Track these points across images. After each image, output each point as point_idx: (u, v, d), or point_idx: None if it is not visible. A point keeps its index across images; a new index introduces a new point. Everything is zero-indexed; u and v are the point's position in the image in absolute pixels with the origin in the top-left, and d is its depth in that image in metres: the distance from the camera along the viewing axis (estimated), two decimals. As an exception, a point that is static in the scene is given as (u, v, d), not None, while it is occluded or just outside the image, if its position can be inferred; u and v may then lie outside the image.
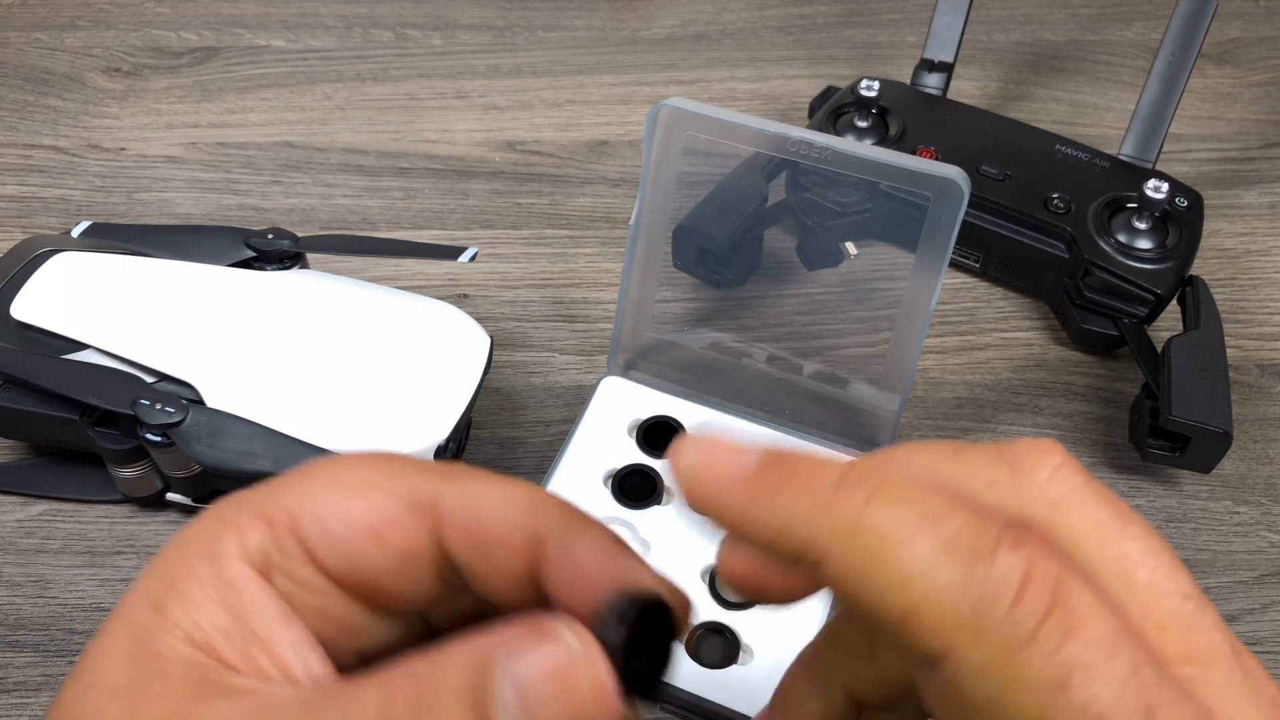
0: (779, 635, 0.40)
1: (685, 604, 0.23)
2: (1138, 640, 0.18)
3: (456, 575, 0.24)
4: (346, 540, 0.23)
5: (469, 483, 0.24)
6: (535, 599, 0.24)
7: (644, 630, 0.21)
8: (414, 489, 0.24)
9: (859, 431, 0.46)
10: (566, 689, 0.20)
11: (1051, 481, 0.21)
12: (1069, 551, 0.20)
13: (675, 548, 0.42)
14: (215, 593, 0.23)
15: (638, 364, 0.48)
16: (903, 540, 0.18)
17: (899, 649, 0.19)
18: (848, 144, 0.41)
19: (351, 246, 0.51)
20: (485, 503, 0.23)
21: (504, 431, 0.48)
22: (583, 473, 0.44)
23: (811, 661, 0.26)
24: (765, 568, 0.22)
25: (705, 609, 0.41)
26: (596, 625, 0.21)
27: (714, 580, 0.41)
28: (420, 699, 0.20)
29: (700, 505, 0.21)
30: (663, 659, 0.22)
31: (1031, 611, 0.18)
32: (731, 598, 0.40)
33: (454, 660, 0.20)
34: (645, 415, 0.47)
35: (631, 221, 0.45)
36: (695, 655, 0.39)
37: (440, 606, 0.25)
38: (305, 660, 0.23)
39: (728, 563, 0.22)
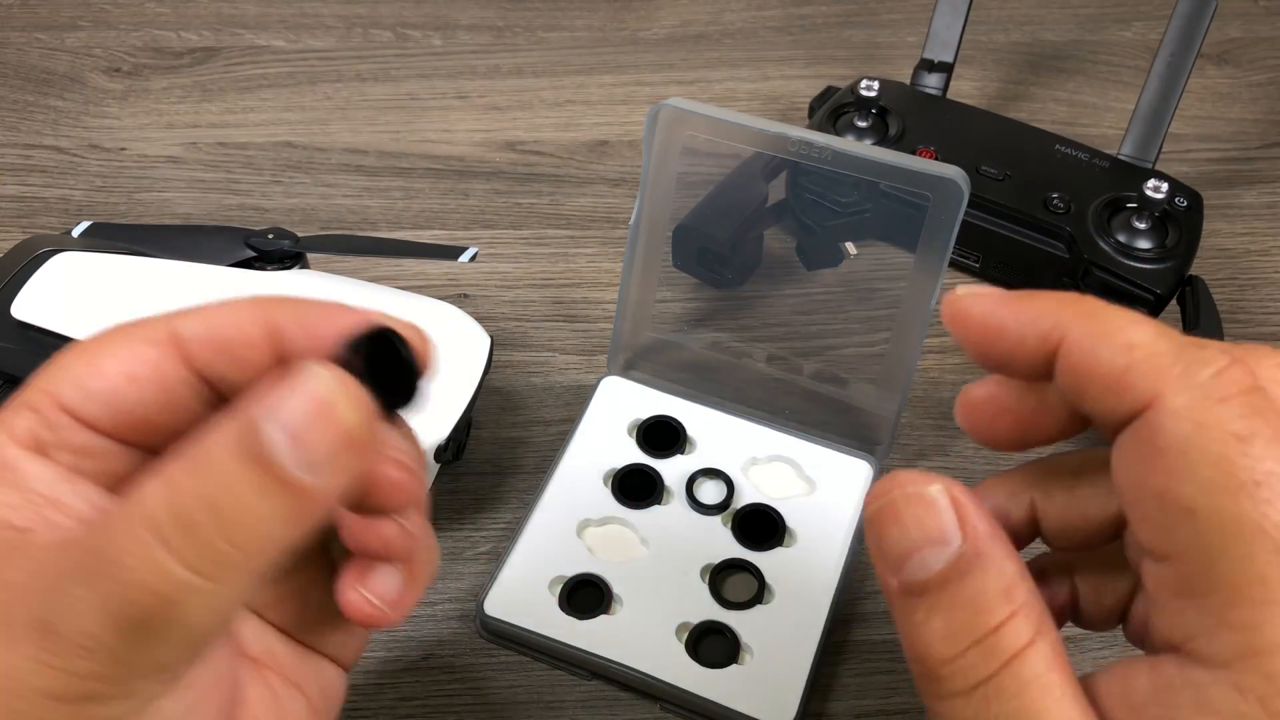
0: (779, 635, 0.40)
1: (417, 332, 0.25)
2: None
3: (214, 393, 0.26)
4: (106, 391, 0.25)
5: (201, 309, 0.26)
6: None
7: (383, 356, 0.24)
8: (149, 327, 0.25)
9: (859, 431, 0.46)
10: (329, 415, 0.21)
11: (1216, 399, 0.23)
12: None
13: (675, 547, 0.42)
14: None
15: (638, 364, 0.48)
16: (1133, 320, 0.23)
17: (1109, 409, 0.23)
18: (847, 144, 0.41)
19: (352, 246, 0.51)
20: (217, 315, 0.26)
21: (504, 431, 0.48)
22: (583, 473, 0.44)
23: (1019, 473, 0.28)
24: (1013, 397, 0.26)
25: (705, 609, 0.41)
26: (337, 358, 0.23)
27: (714, 580, 0.41)
28: (198, 470, 0.21)
29: (970, 315, 0.25)
30: (408, 377, 0.24)
31: (1231, 382, 0.22)
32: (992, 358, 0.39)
33: (220, 429, 0.21)
34: (645, 415, 0.47)
35: (631, 221, 0.45)
36: (695, 655, 0.39)
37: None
38: (99, 507, 0.25)
39: (979, 398, 0.27)
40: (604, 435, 0.46)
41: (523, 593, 0.41)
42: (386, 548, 0.26)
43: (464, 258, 0.46)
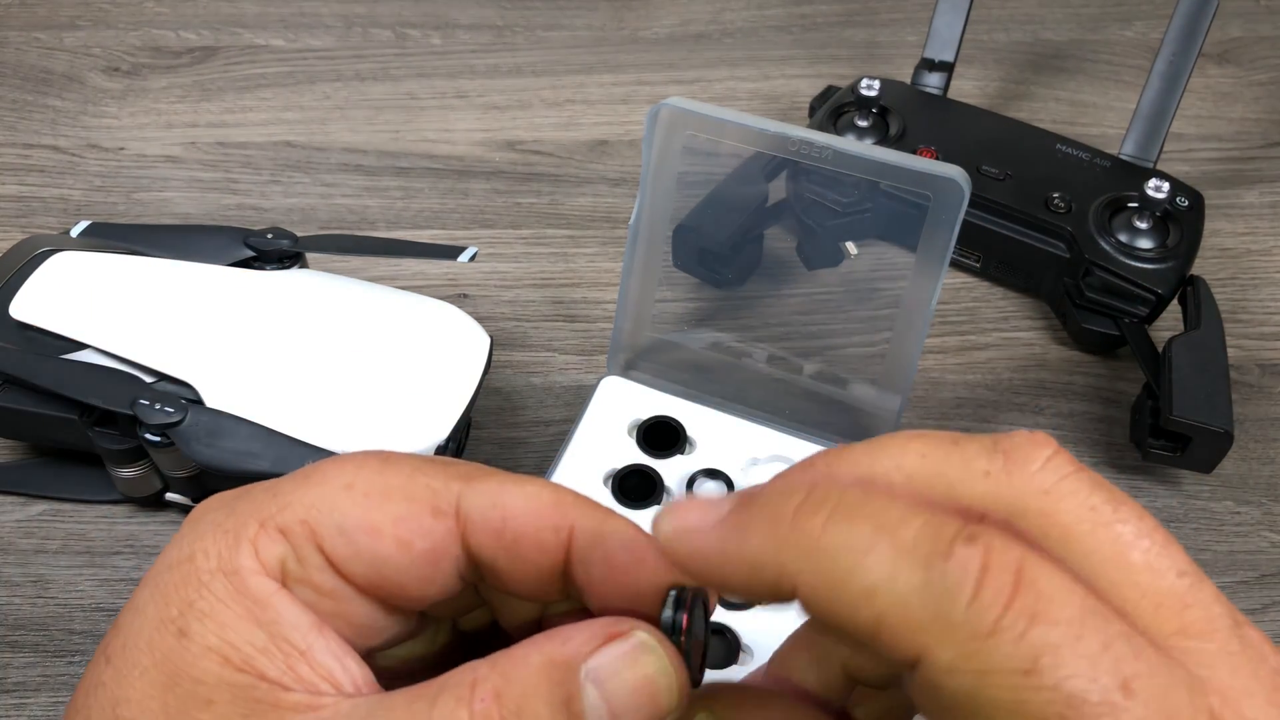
0: (779, 634, 0.40)
1: (711, 593, 0.24)
2: (1113, 616, 0.18)
3: (474, 572, 0.24)
4: (373, 549, 0.23)
5: (488, 482, 0.24)
6: (561, 593, 0.24)
7: (698, 622, 0.23)
8: (435, 493, 0.24)
9: (860, 432, 0.46)
10: (654, 698, 0.21)
11: (1044, 471, 0.21)
12: (1062, 537, 0.20)
13: None
14: (243, 609, 0.23)
15: (638, 364, 0.48)
16: (862, 552, 0.19)
17: (881, 665, 0.20)
18: (848, 143, 0.41)
19: (351, 246, 0.51)
20: (511, 503, 0.24)
21: (504, 431, 0.48)
22: (582, 473, 0.44)
23: (812, 638, 0.26)
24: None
25: None
26: (663, 624, 0.22)
27: None
28: (506, 703, 0.21)
29: (683, 564, 0.21)
30: (706, 645, 0.23)
31: (992, 602, 0.18)
32: (731, 598, 0.40)
33: (539, 671, 0.21)
34: (645, 415, 0.46)
35: (631, 221, 0.45)
36: None
37: (451, 602, 0.25)
38: (346, 668, 0.23)
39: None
40: (604, 436, 0.46)
41: None
42: None
43: (463, 257, 0.46)
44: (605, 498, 0.44)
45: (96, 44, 0.68)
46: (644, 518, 0.43)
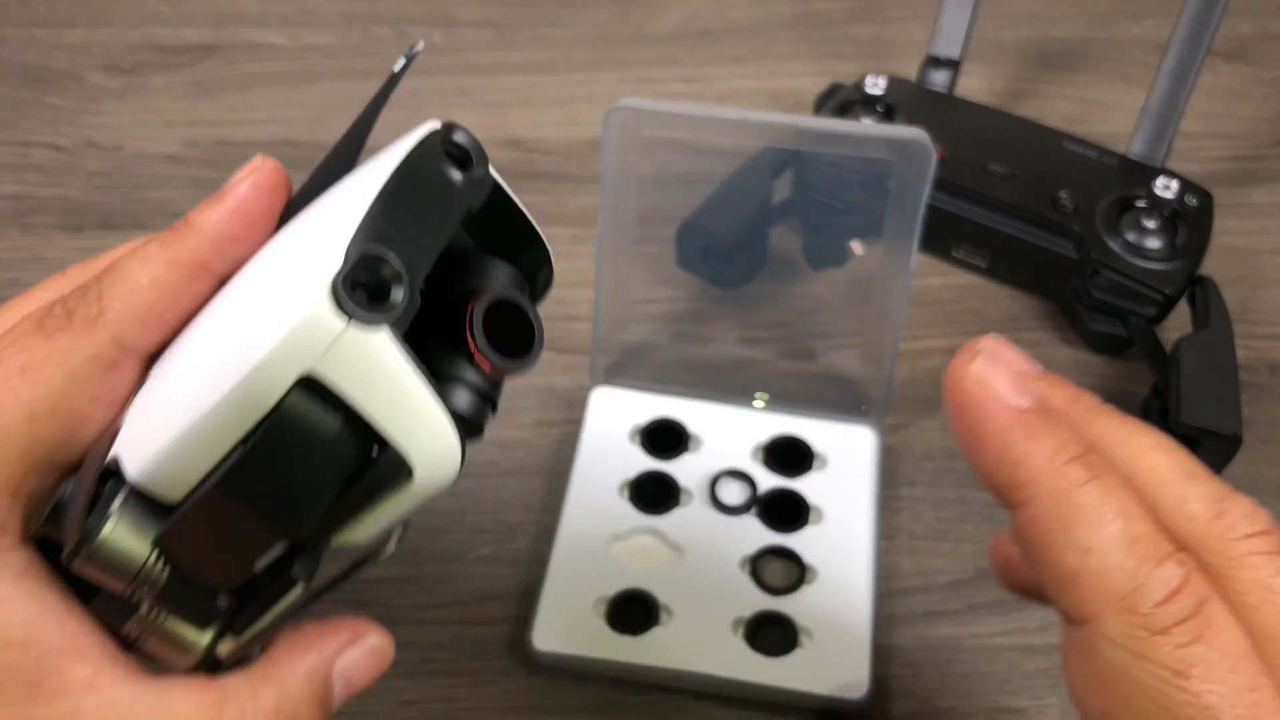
0: (832, 612, 0.40)
1: None
2: (1266, 672, 0.21)
3: None
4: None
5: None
6: None
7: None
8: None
9: (854, 399, 0.47)
10: (381, 666, 0.29)
11: (1242, 542, 0.23)
12: (1230, 600, 0.22)
13: (710, 547, 0.42)
14: (9, 590, 0.25)
15: (624, 369, 0.48)
16: (1100, 520, 0.22)
17: (1053, 600, 0.23)
18: (811, 120, 0.41)
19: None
20: None
21: (505, 432, 0.47)
22: (597, 487, 0.44)
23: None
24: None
25: (754, 600, 0.41)
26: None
27: (756, 570, 0.42)
28: (281, 712, 0.26)
29: (961, 405, 0.25)
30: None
31: (1174, 612, 0.21)
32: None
33: (298, 677, 0.27)
34: (644, 420, 0.46)
35: (599, 229, 0.44)
36: (756, 647, 0.39)
37: None
38: (87, 622, 0.26)
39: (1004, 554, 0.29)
40: (608, 447, 0.45)
41: (568, 621, 0.40)
42: None
43: (397, 65, 0.37)
44: (626, 508, 0.44)
45: (96, 42, 0.67)
46: (670, 523, 0.43)
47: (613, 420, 0.46)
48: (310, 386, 0.21)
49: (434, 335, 0.24)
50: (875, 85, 0.55)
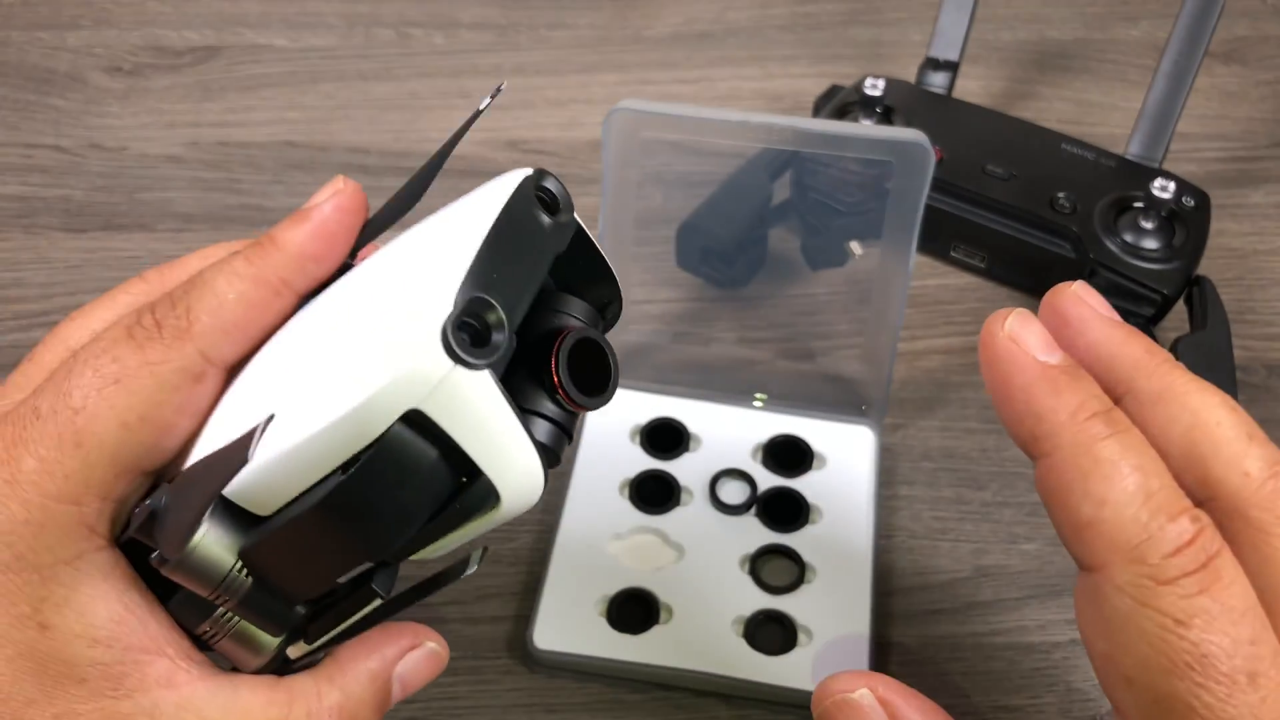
0: (831, 611, 0.41)
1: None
2: (1271, 628, 0.22)
3: None
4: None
5: None
6: None
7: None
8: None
9: (853, 399, 0.47)
10: (436, 669, 0.31)
11: None
12: (1271, 553, 0.23)
13: (711, 545, 0.42)
14: (95, 591, 0.26)
15: (626, 368, 0.48)
16: (1117, 473, 0.23)
17: (1067, 546, 0.24)
18: (810, 122, 0.41)
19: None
20: None
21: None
22: (598, 487, 0.44)
23: None
24: None
25: (754, 599, 0.41)
26: None
27: (756, 570, 0.42)
28: (344, 713, 0.28)
29: (994, 357, 0.25)
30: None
31: (1180, 564, 0.22)
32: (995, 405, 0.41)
33: (361, 679, 0.29)
34: (644, 419, 0.46)
35: (599, 229, 0.44)
36: (756, 646, 0.40)
37: None
38: (166, 622, 0.27)
39: None
40: (608, 447, 0.45)
41: (568, 619, 0.40)
42: None
43: (483, 103, 0.37)
44: (626, 508, 0.44)
45: (99, 44, 0.67)
46: (671, 522, 0.43)
47: (613, 420, 0.46)
48: (411, 419, 0.23)
49: (518, 369, 0.25)
50: (874, 87, 0.55)
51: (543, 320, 0.26)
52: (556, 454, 0.25)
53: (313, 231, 0.28)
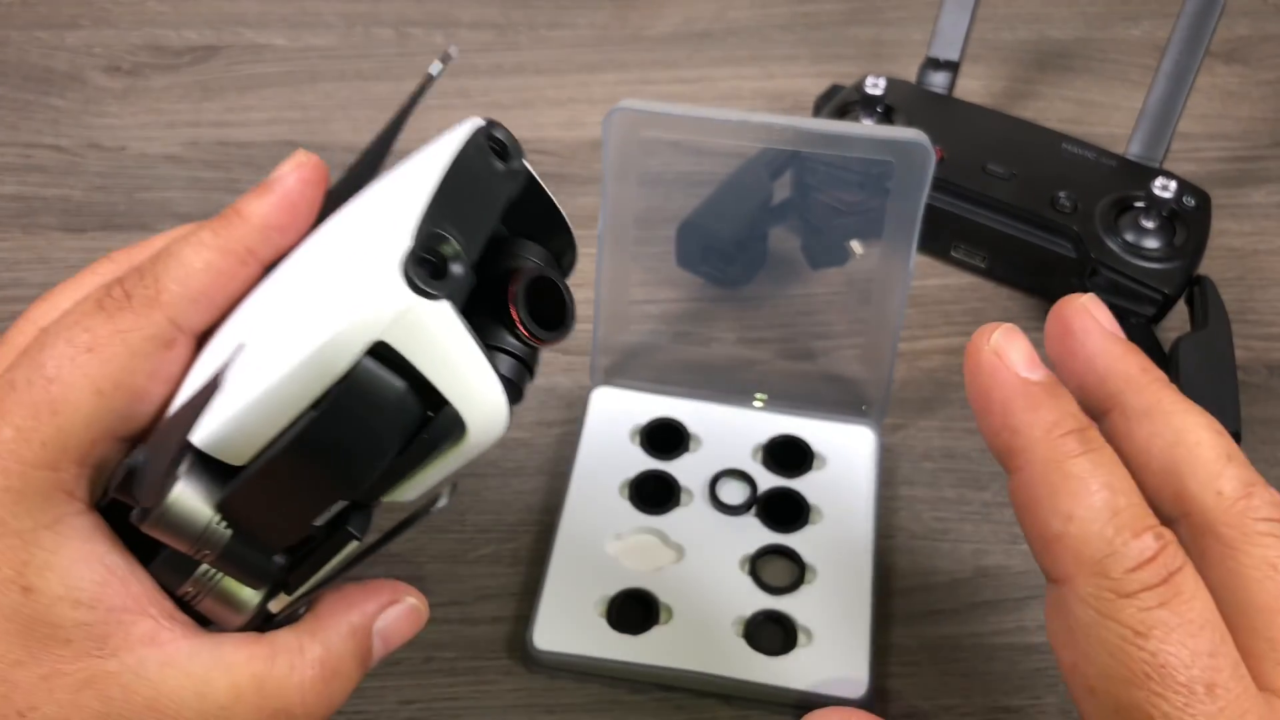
0: (831, 612, 0.40)
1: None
2: (1230, 640, 0.23)
3: None
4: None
5: None
6: None
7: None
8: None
9: (854, 400, 0.47)
10: (416, 624, 0.32)
11: (1259, 524, 0.25)
12: (1234, 569, 0.24)
13: (710, 546, 0.42)
14: (76, 554, 0.26)
15: (625, 369, 0.48)
16: (1085, 489, 0.24)
17: (1035, 557, 0.25)
18: (811, 121, 0.41)
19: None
20: None
21: (507, 433, 0.47)
22: (597, 487, 0.44)
23: None
24: None
25: (754, 600, 0.41)
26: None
27: (756, 570, 0.42)
28: (327, 666, 0.29)
29: (977, 369, 0.26)
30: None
31: (1142, 579, 0.23)
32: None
33: (342, 632, 0.29)
34: (644, 420, 0.46)
35: (599, 228, 0.44)
36: (756, 646, 0.40)
37: None
38: (145, 580, 0.27)
39: None
40: (608, 446, 0.45)
41: (568, 620, 0.40)
42: None
43: (433, 69, 0.36)
44: (626, 508, 0.44)
45: (98, 43, 0.67)
46: (671, 522, 0.43)
47: (613, 420, 0.46)
48: (377, 353, 0.23)
49: (478, 309, 0.26)
50: (874, 86, 0.55)
51: (501, 262, 0.28)
52: (519, 387, 0.26)
53: (276, 203, 0.29)
